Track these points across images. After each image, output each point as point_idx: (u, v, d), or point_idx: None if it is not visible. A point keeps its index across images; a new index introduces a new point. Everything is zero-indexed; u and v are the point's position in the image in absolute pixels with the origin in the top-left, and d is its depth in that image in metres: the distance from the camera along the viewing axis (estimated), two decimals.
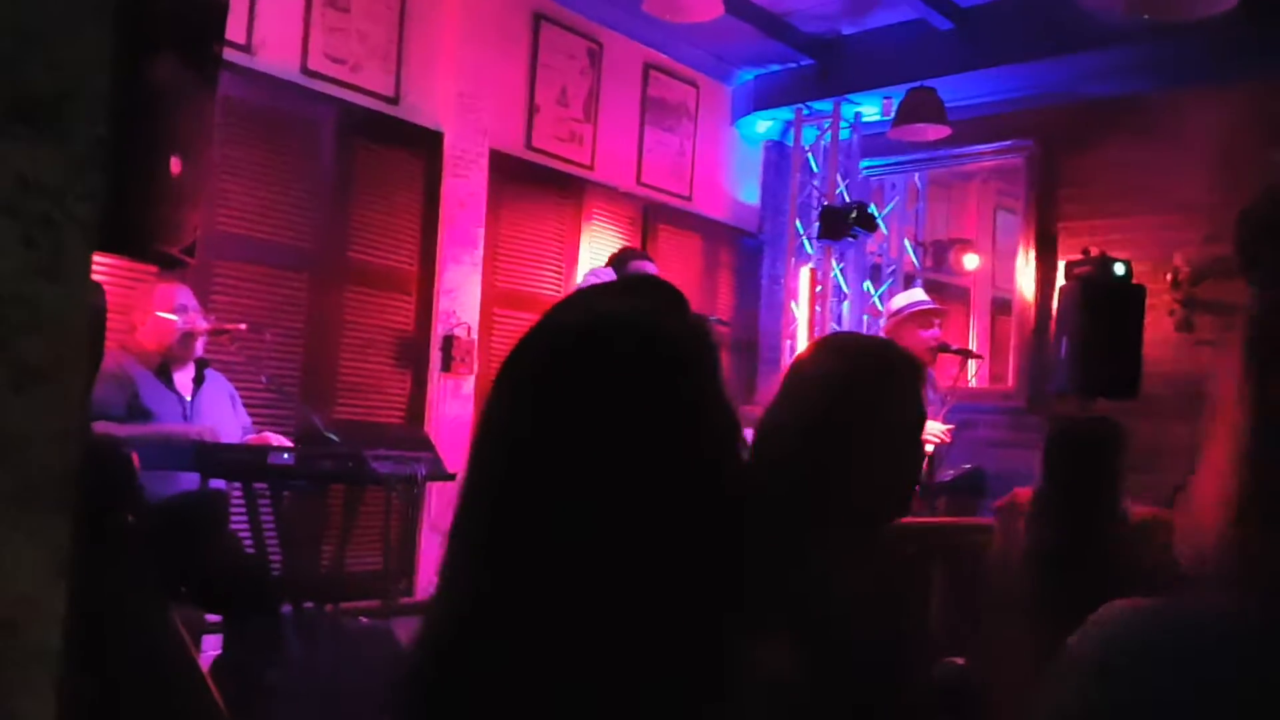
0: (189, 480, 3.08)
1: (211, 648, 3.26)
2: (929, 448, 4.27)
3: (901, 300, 4.68)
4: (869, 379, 1.34)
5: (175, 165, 1.56)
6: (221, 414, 3.31)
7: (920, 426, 1.37)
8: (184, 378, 3.24)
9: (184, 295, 3.28)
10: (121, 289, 3.34)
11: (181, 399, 3.20)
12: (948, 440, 4.29)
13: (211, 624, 3.29)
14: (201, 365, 3.30)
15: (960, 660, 2.32)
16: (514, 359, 0.86)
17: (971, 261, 5.97)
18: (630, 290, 0.90)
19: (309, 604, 3.25)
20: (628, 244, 5.31)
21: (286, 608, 3.14)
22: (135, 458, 1.74)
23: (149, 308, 3.22)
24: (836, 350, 1.47)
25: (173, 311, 3.22)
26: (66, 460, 0.68)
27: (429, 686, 0.81)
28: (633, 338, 0.83)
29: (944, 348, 4.65)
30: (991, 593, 2.47)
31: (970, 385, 5.55)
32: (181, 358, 3.24)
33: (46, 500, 0.67)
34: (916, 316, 4.45)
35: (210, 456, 3.00)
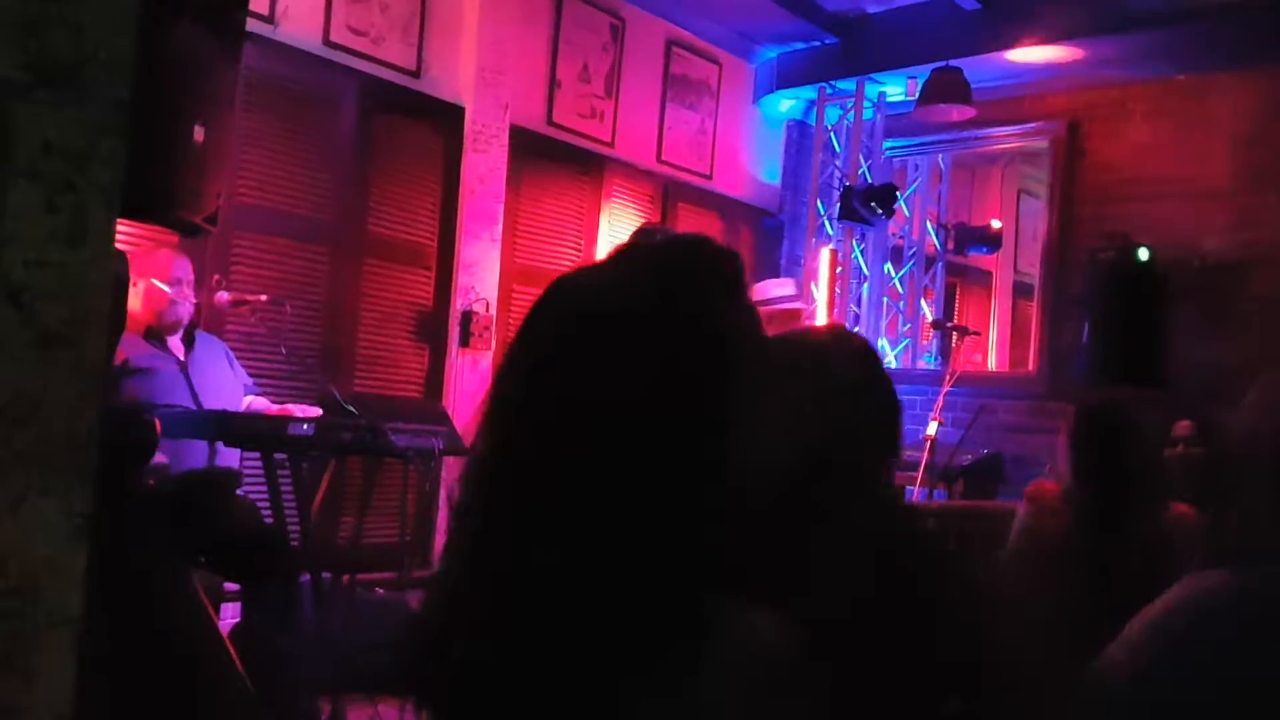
0: (198, 457, 3.09)
1: (230, 616, 3.30)
2: None
3: (774, 290, 4.55)
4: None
5: (198, 133, 1.57)
6: (220, 373, 3.32)
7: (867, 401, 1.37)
8: (175, 341, 3.26)
9: (182, 268, 3.25)
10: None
11: (178, 360, 3.21)
12: None
13: (230, 592, 3.33)
14: (190, 328, 3.31)
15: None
16: (528, 325, 0.87)
17: (996, 223, 5.94)
18: (657, 261, 0.89)
19: (326, 574, 3.27)
20: (647, 221, 5.28)
21: (304, 577, 3.17)
22: (157, 423, 1.75)
23: (144, 272, 3.20)
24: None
25: (168, 282, 3.20)
26: (86, 423, 0.68)
27: (432, 652, 0.83)
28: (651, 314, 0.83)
29: None
30: (1013, 585, 2.45)
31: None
32: (167, 328, 3.24)
33: (66, 462, 0.67)
34: (782, 315, 4.30)
35: (230, 426, 3.02)
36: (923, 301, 6.25)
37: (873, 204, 5.45)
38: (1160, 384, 4.12)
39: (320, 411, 3.17)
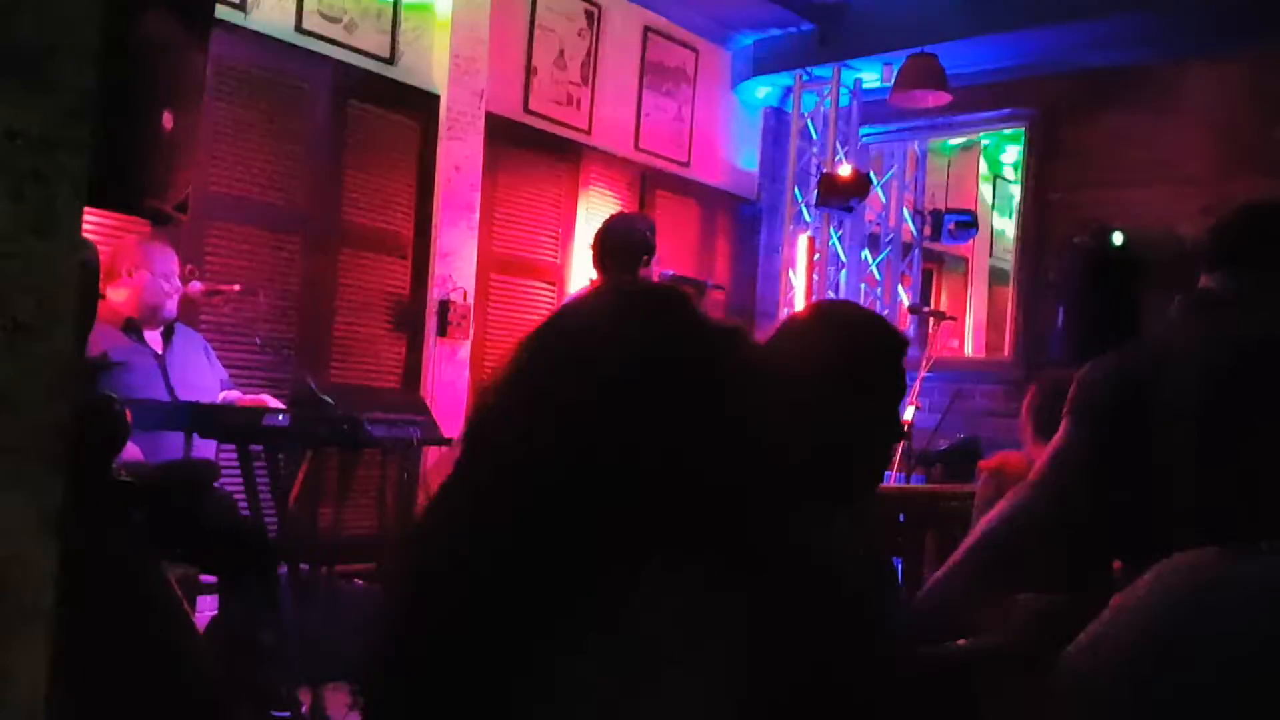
0: (175, 450, 3.06)
1: (208, 608, 3.28)
2: None
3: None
4: (855, 354, 1.35)
5: (168, 121, 1.55)
6: (198, 367, 3.29)
7: (898, 401, 1.39)
8: (153, 334, 3.23)
9: (172, 260, 3.27)
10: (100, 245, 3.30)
11: (155, 353, 3.19)
12: None
13: (208, 585, 3.30)
14: (170, 321, 3.29)
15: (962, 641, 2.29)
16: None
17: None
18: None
19: (304, 565, 3.26)
20: (619, 211, 5.17)
21: (282, 569, 3.15)
22: (128, 414, 1.73)
23: (138, 265, 3.18)
24: (825, 321, 1.48)
25: (164, 274, 3.19)
26: (56, 416, 0.67)
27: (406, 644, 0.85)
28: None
29: None
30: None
31: None
32: (156, 322, 3.22)
33: (36, 456, 0.66)
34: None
35: (205, 417, 3.00)
36: (900, 287, 6.27)
37: (848, 186, 5.45)
38: None
39: (286, 405, 3.16)
